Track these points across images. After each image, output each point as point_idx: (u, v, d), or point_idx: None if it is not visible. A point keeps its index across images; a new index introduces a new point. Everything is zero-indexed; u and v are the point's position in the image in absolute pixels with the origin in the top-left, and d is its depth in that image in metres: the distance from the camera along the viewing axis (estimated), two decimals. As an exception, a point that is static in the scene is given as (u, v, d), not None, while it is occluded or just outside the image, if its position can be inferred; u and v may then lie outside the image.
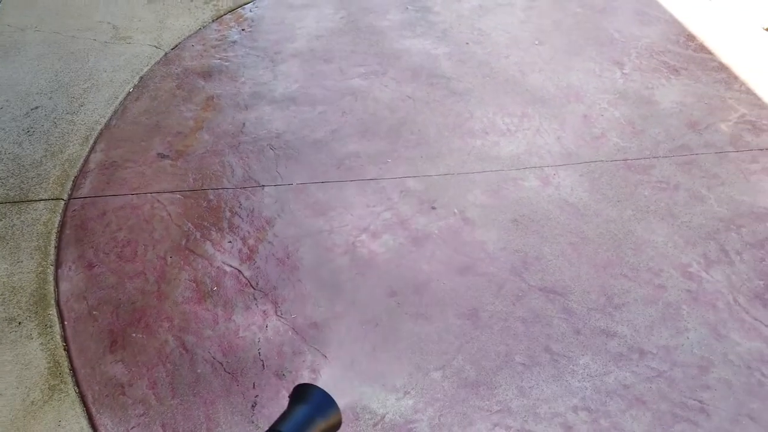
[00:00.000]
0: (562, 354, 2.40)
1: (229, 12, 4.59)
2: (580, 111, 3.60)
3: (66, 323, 2.52)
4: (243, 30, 4.38)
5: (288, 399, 1.08)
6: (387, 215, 2.95)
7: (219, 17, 4.53)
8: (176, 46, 4.19)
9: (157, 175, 3.18)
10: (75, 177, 3.18)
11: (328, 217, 2.95)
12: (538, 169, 3.20)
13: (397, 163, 3.24)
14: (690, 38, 4.23)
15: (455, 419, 2.20)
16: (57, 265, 2.75)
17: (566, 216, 2.95)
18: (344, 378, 2.32)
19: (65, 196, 3.07)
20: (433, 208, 2.99)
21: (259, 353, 2.40)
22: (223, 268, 2.72)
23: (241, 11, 4.61)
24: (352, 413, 2.21)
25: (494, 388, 2.29)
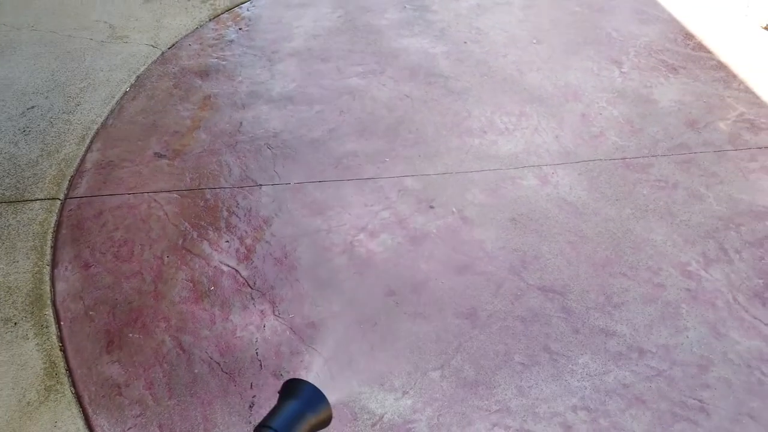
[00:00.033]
0: (561, 353, 2.39)
1: (227, 11, 4.58)
2: (579, 110, 3.59)
3: (62, 323, 2.50)
4: (240, 29, 4.37)
5: (278, 394, 1.06)
6: (385, 214, 2.94)
7: (216, 16, 4.51)
8: (173, 46, 4.18)
9: (154, 175, 3.16)
10: (71, 176, 3.16)
11: (326, 217, 2.93)
12: (537, 168, 3.19)
13: (395, 162, 3.23)
14: (688, 37, 4.22)
15: (454, 419, 2.19)
16: (53, 265, 2.73)
17: (565, 215, 2.94)
18: (342, 378, 2.30)
19: (61, 196, 3.05)
20: (432, 208, 2.98)
21: (257, 353, 2.39)
22: (221, 268, 2.70)
23: (238, 10, 4.60)
24: (350, 413, 2.20)
25: (493, 388, 2.28)
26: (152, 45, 4.17)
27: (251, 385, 2.29)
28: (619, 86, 3.77)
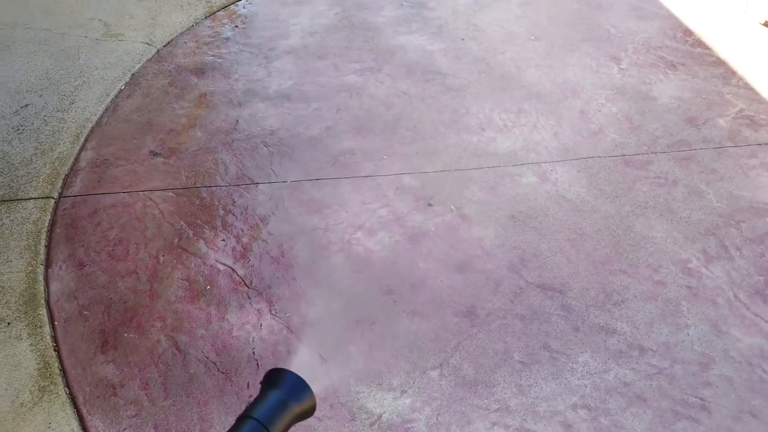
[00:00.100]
0: (561, 351, 2.36)
1: (222, 8, 4.55)
2: (577, 107, 3.57)
3: (56, 323, 2.47)
4: (236, 27, 4.34)
5: (260, 385, 1.04)
6: (383, 212, 2.91)
7: (212, 14, 4.48)
8: (168, 43, 4.14)
9: (149, 173, 3.13)
10: (66, 175, 3.13)
11: (323, 215, 2.91)
12: (536, 165, 3.17)
13: (393, 160, 3.20)
14: (687, 33, 4.20)
15: (453, 418, 2.16)
16: (47, 265, 2.70)
17: (564, 212, 2.92)
18: (340, 377, 2.28)
19: (55, 195, 3.02)
20: (430, 205, 2.95)
21: (254, 353, 2.36)
22: (217, 267, 2.67)
23: (234, 8, 4.56)
24: (349, 413, 2.18)
25: (492, 387, 2.26)
26: (147, 43, 4.13)
27: (248, 385, 2.26)
28: (618, 83, 3.75)
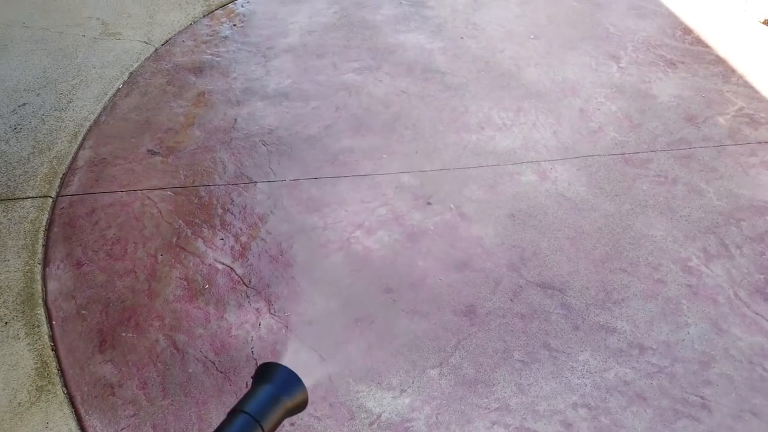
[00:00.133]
0: (561, 350, 2.35)
1: (221, 7, 4.53)
2: (577, 105, 3.56)
3: (54, 323, 2.46)
4: (234, 25, 4.32)
5: (251, 379, 1.02)
6: (382, 211, 2.90)
7: (210, 12, 4.47)
8: (166, 42, 4.13)
9: (148, 172, 3.12)
10: (63, 174, 3.11)
11: (322, 214, 2.90)
12: (535, 164, 3.16)
13: (392, 159, 3.19)
14: (686, 31, 4.20)
15: (453, 417, 2.15)
16: (45, 264, 2.68)
17: (564, 211, 2.91)
18: (339, 376, 2.27)
19: (53, 194, 3.00)
20: (429, 204, 2.94)
21: (252, 352, 2.35)
22: (215, 266, 2.66)
23: (233, 6, 4.55)
24: (348, 412, 2.17)
25: (492, 386, 2.25)
26: (145, 41, 4.12)
27: (247, 385, 2.25)
28: (618, 81, 3.74)
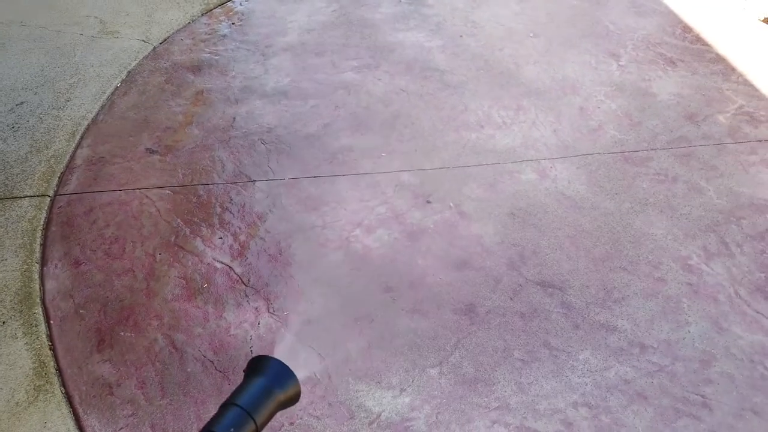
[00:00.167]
0: (562, 349, 2.34)
1: (219, 5, 4.52)
2: (577, 103, 3.55)
3: (52, 322, 2.45)
4: (233, 24, 4.31)
5: (243, 373, 1.01)
6: (381, 210, 2.89)
7: (209, 11, 4.45)
8: (165, 41, 4.12)
9: (146, 171, 3.11)
10: (61, 173, 3.10)
11: (321, 212, 2.88)
12: (535, 162, 3.15)
13: (392, 157, 3.18)
14: (686, 29, 4.19)
15: (453, 416, 2.14)
16: (42, 263, 2.67)
17: (564, 209, 2.90)
18: (339, 375, 2.26)
19: (51, 193, 2.99)
20: (429, 202, 2.93)
21: (251, 351, 2.34)
22: (214, 265, 2.65)
23: (231, 5, 4.54)
24: (347, 411, 2.15)
25: (492, 385, 2.24)
26: (143, 40, 4.10)
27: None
28: (618, 79, 3.73)
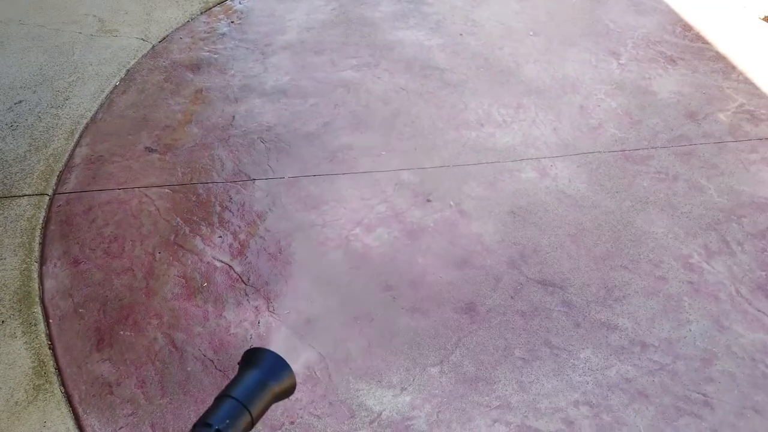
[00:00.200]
0: (563, 348, 2.34)
1: (218, 4, 4.51)
2: (577, 102, 3.54)
3: (51, 321, 2.44)
4: (232, 22, 4.30)
5: (238, 365, 1.00)
6: (381, 208, 2.89)
7: (208, 9, 4.44)
8: (164, 39, 4.11)
9: (145, 170, 3.10)
10: (60, 172, 3.09)
11: (321, 211, 2.88)
12: (535, 161, 3.15)
13: (391, 156, 3.18)
14: (686, 28, 4.18)
15: (454, 415, 2.14)
16: (41, 262, 2.66)
17: (564, 207, 2.89)
18: (339, 374, 2.25)
19: (50, 192, 2.98)
20: (429, 201, 2.93)
21: (251, 350, 2.33)
22: (214, 264, 2.64)
23: (230, 3, 4.52)
24: (348, 410, 2.15)
25: (493, 384, 2.23)
26: (142, 38, 4.09)
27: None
28: (618, 78, 3.72)
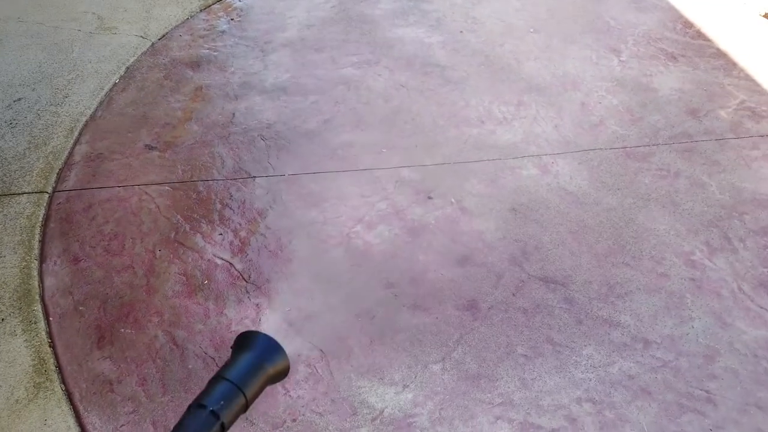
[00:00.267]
0: (565, 345, 2.33)
1: (218, 1, 4.49)
2: (578, 99, 3.53)
3: (51, 319, 2.43)
4: (232, 20, 4.29)
5: (231, 349, 0.99)
6: (382, 206, 2.88)
7: (207, 7, 4.43)
8: (163, 36, 4.09)
9: (145, 167, 3.09)
10: (60, 169, 3.08)
11: (322, 209, 2.87)
12: (536, 158, 3.14)
13: (392, 153, 3.17)
14: (687, 25, 4.17)
15: (456, 412, 2.13)
16: (41, 260, 2.65)
17: (566, 205, 2.89)
18: (341, 372, 2.24)
19: (49, 189, 2.97)
20: (430, 198, 2.92)
21: (253, 348, 2.32)
22: (214, 261, 2.63)
23: (230, 0, 4.51)
24: (350, 407, 2.14)
25: (496, 381, 2.22)
26: (142, 36, 4.08)
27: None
28: (619, 75, 3.71)
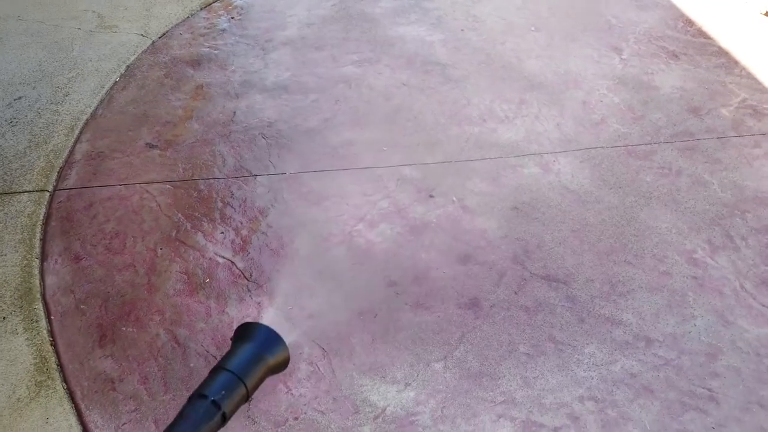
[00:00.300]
0: (567, 343, 2.33)
1: (218, 0, 4.48)
2: (579, 97, 3.53)
3: (53, 318, 2.43)
4: (232, 18, 4.28)
5: (230, 341, 0.99)
6: (384, 204, 2.87)
7: (207, 5, 4.42)
8: (164, 35, 4.09)
9: (146, 166, 3.08)
10: (60, 168, 3.07)
11: (323, 207, 2.86)
12: (538, 156, 3.13)
13: (394, 151, 3.16)
14: (688, 23, 4.17)
15: (458, 411, 2.13)
16: (42, 258, 2.65)
17: (567, 203, 2.88)
18: (343, 370, 2.24)
19: (50, 188, 2.96)
20: (431, 197, 2.91)
21: (254, 346, 2.31)
22: (216, 260, 2.63)
23: (231, -1, 4.51)
24: (352, 406, 2.14)
25: (498, 379, 2.22)
26: (142, 34, 4.07)
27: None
28: (620, 73, 3.71)
